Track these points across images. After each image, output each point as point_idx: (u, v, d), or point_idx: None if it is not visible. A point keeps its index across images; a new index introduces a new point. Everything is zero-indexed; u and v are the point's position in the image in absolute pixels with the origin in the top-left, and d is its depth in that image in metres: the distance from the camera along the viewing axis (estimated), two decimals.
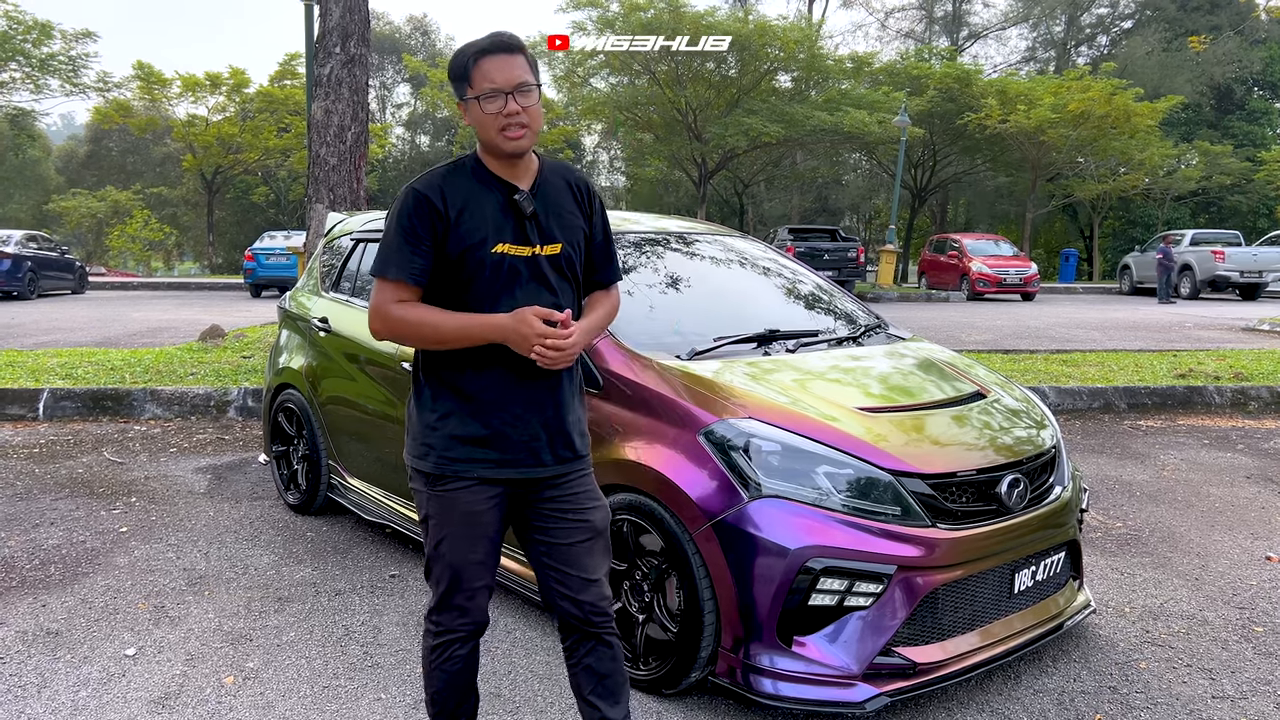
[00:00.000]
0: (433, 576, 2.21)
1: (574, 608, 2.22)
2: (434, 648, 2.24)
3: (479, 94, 2.04)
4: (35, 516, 4.77)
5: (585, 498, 2.24)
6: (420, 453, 2.17)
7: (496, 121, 2.04)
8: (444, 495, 2.14)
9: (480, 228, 2.08)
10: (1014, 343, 11.76)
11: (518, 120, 2.04)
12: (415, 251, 2.06)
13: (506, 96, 2.03)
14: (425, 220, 2.06)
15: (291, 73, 36.15)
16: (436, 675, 2.26)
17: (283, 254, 21.04)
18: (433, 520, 2.18)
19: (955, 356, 3.90)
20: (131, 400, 7.33)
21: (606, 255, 2.35)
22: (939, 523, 2.79)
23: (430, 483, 2.16)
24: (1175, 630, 3.53)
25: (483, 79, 2.04)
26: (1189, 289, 22.43)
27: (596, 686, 2.27)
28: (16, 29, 30.80)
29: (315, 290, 5.06)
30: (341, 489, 4.62)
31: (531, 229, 2.14)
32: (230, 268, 39.79)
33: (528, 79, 2.06)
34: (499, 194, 2.12)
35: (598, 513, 2.26)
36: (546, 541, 2.23)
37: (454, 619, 2.21)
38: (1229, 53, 35.39)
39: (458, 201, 2.08)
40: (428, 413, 2.17)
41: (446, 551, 2.16)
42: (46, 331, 12.65)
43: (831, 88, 28.31)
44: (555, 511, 2.21)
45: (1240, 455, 6.38)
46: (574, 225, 2.22)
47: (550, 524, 2.22)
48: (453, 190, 2.09)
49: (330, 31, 9.14)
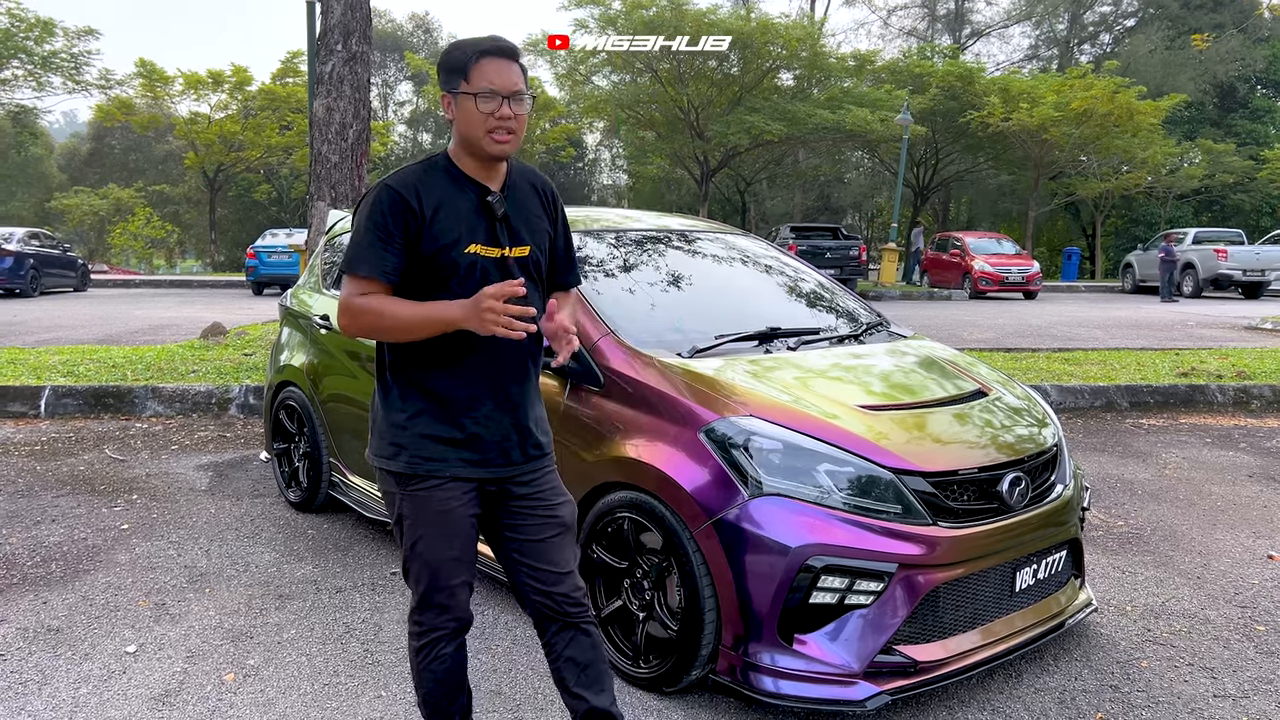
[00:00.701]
0: (411, 576, 2.21)
1: (548, 600, 2.25)
2: (420, 649, 2.25)
3: (476, 91, 2.05)
4: (37, 513, 4.77)
5: (553, 493, 2.27)
6: (390, 453, 2.17)
7: (487, 123, 2.05)
8: (417, 495, 2.15)
9: (454, 228, 2.09)
10: (1016, 341, 11.75)
11: (508, 125, 2.06)
12: (387, 249, 2.05)
13: (503, 100, 2.05)
14: (399, 218, 2.05)
15: (294, 70, 36.13)
16: (425, 675, 2.26)
17: (285, 252, 21.05)
18: (407, 520, 2.18)
19: (957, 355, 3.89)
20: (133, 398, 7.34)
21: (569, 259, 2.38)
22: (940, 521, 2.79)
23: (402, 483, 2.16)
24: (1177, 629, 3.52)
25: (481, 78, 2.05)
26: (1191, 288, 22.39)
27: (580, 677, 2.28)
28: (19, 26, 30.79)
29: (316, 288, 5.06)
30: (342, 486, 4.62)
31: (502, 231, 2.15)
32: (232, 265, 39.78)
33: (524, 88, 2.08)
34: (472, 194, 2.13)
35: (566, 508, 2.29)
36: (517, 539, 2.25)
37: (436, 617, 2.22)
38: (1232, 51, 35.32)
39: (433, 200, 2.08)
40: (396, 412, 2.17)
41: (423, 550, 2.17)
42: (49, 329, 12.66)
43: (834, 86, 28.25)
44: (525, 508, 2.23)
45: (1242, 454, 6.37)
46: (540, 229, 2.25)
47: (520, 520, 2.24)
48: (428, 189, 2.09)
49: (332, 29, 9.14)
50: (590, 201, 48.66)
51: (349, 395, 4.43)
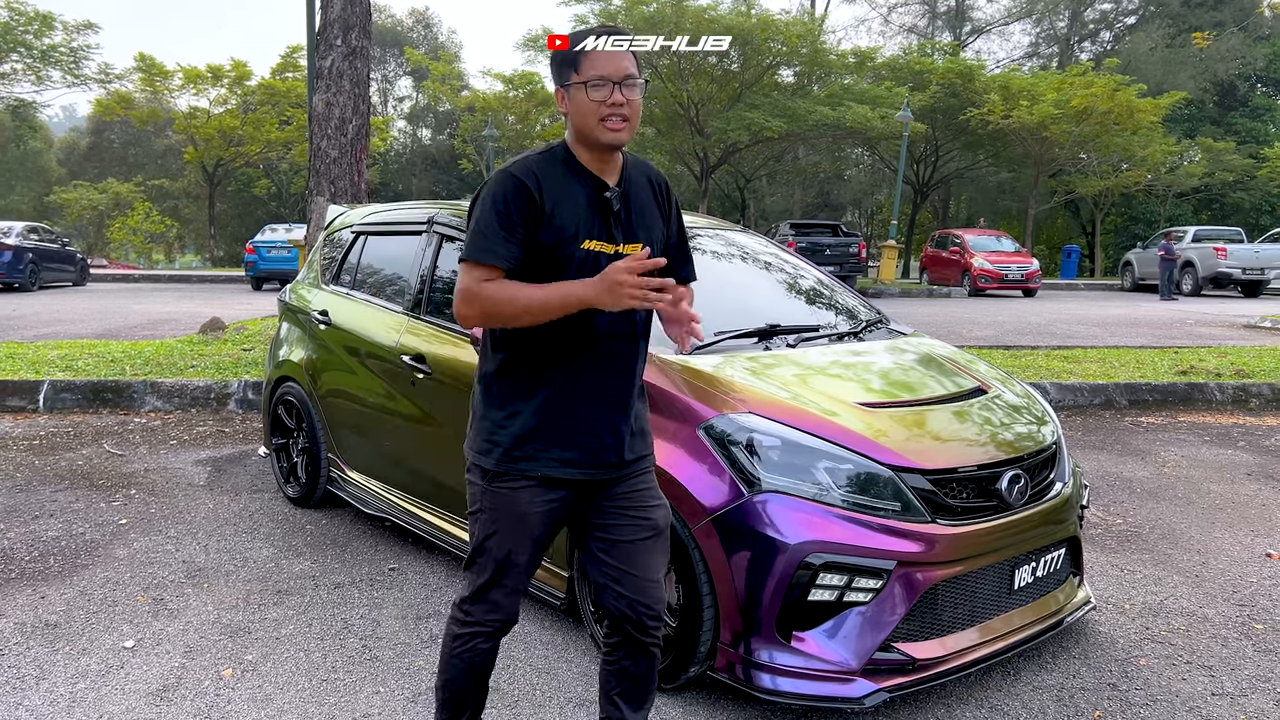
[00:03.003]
0: (475, 567, 2.19)
1: (629, 609, 2.19)
2: (459, 636, 2.22)
3: (586, 80, 2.01)
4: (35, 508, 4.76)
5: (648, 495, 2.23)
6: (484, 448, 2.14)
7: (600, 110, 2.01)
8: (501, 492, 2.13)
9: (572, 222, 2.05)
10: (1015, 339, 11.75)
11: (621, 112, 2.02)
12: (509, 238, 2.01)
13: (614, 86, 2.01)
14: (523, 207, 2.01)
15: (293, 65, 36.07)
16: (455, 663, 2.23)
17: (284, 247, 21.03)
18: (485, 514, 2.16)
19: (956, 352, 3.89)
20: (132, 392, 7.33)
21: (684, 255, 2.34)
22: (939, 518, 2.78)
23: (490, 479, 2.14)
24: (1175, 627, 3.52)
25: (591, 67, 2.01)
26: (1191, 286, 22.38)
27: (627, 690, 2.27)
28: (18, 20, 30.77)
29: (315, 283, 5.05)
30: (341, 482, 4.62)
31: (616, 227, 2.11)
32: (232, 260, 39.77)
33: (635, 72, 2.04)
34: (589, 188, 2.09)
35: (659, 511, 2.24)
36: (606, 539, 2.20)
37: (485, 612, 2.19)
38: (1232, 49, 35.29)
39: (553, 192, 2.04)
40: (495, 410, 2.14)
41: (493, 547, 2.15)
42: (47, 323, 12.65)
43: (834, 83, 28.23)
44: (617, 509, 2.19)
45: (1241, 452, 6.37)
46: (654, 225, 2.21)
47: (611, 521, 2.19)
48: (548, 180, 2.05)
49: (331, 24, 9.13)
50: None
51: (347, 390, 4.43)
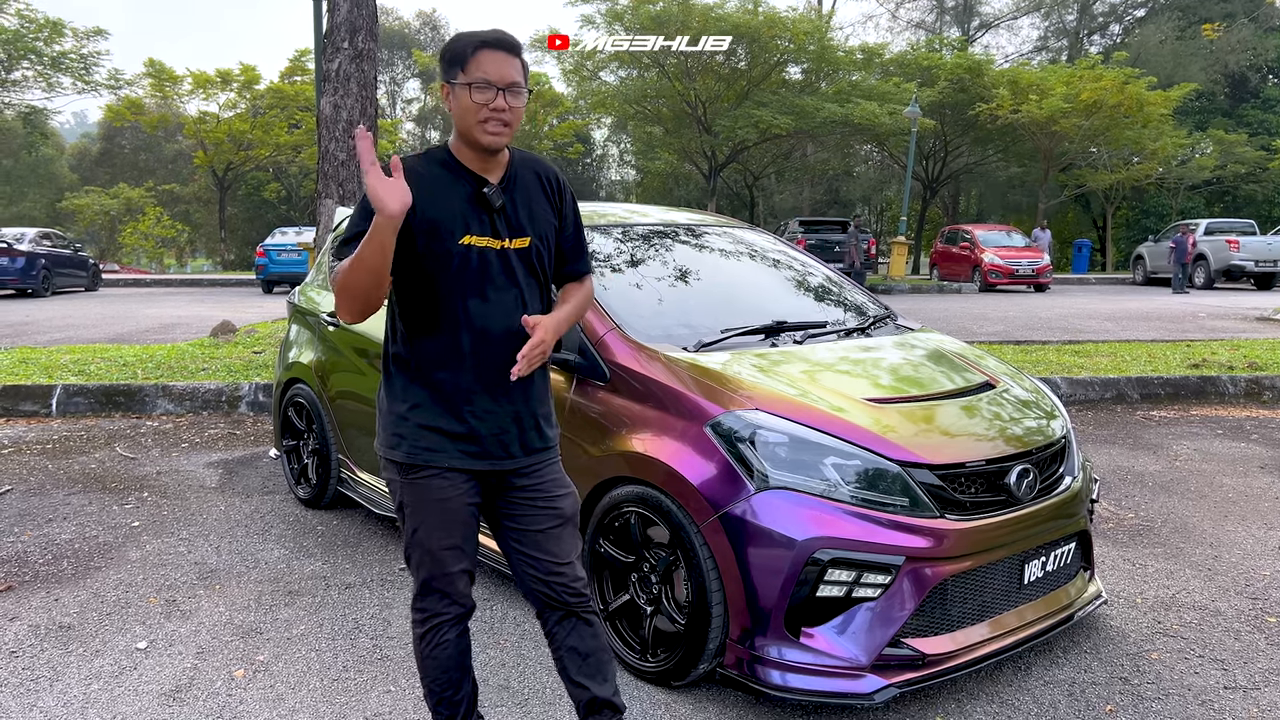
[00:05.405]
0: (412, 563, 2.24)
1: (546, 588, 2.27)
2: (422, 635, 2.28)
3: (471, 81, 2.05)
4: (48, 511, 4.80)
5: (554, 485, 2.29)
6: (392, 443, 2.20)
7: (480, 113, 2.06)
8: (417, 483, 2.18)
9: (448, 218, 2.10)
10: (1025, 334, 11.70)
11: (502, 117, 2.07)
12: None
13: (498, 92, 2.05)
14: None
15: (302, 69, 36.22)
16: (429, 663, 2.29)
17: (294, 250, 21.11)
18: (408, 508, 2.21)
19: (965, 347, 3.88)
20: (144, 396, 7.37)
21: (578, 247, 2.37)
22: (948, 513, 2.78)
23: (403, 472, 2.20)
24: (1187, 621, 3.50)
25: (478, 69, 2.06)
26: (1203, 279, 22.27)
27: (582, 666, 2.31)
28: (28, 27, 30.96)
29: (324, 285, 5.07)
30: (351, 483, 4.63)
31: (500, 222, 2.16)
32: (242, 264, 39.89)
33: (520, 81, 2.09)
34: (468, 185, 2.14)
35: (567, 500, 2.30)
36: (517, 529, 2.27)
37: (437, 603, 2.25)
38: (1243, 40, 35.05)
39: (425, 189, 2.07)
40: (398, 403, 2.20)
41: (423, 538, 2.20)
42: (60, 328, 12.73)
43: (842, 79, 28.17)
44: (525, 500, 2.26)
45: (1254, 445, 6.33)
46: (543, 219, 2.25)
47: (520, 511, 2.26)
48: (422, 180, 2.08)
49: (338, 26, 9.15)
50: (598, 197, 48.61)
51: (357, 392, 4.44)
